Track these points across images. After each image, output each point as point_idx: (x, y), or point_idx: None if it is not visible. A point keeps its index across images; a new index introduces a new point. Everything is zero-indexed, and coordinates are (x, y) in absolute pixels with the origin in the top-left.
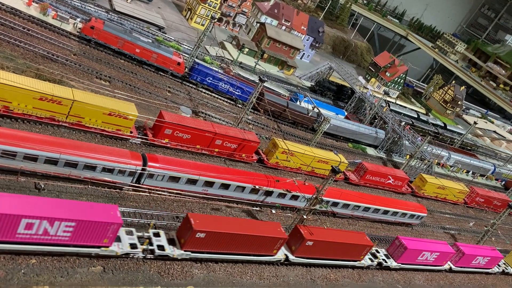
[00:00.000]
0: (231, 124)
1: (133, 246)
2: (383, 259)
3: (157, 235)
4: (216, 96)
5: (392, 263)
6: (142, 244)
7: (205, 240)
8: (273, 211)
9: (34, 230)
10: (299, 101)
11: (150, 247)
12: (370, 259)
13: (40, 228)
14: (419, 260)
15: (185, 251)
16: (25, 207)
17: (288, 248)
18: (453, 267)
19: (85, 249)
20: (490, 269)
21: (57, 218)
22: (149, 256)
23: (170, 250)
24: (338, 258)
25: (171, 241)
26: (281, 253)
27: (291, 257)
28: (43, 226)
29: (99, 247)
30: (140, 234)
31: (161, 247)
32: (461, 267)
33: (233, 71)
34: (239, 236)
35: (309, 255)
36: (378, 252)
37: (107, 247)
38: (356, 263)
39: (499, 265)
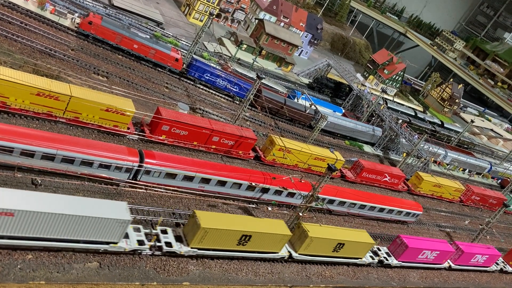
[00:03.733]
0: (228, 120)
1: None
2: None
3: (164, 232)
4: (214, 92)
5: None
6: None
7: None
8: (269, 208)
9: None
10: (297, 98)
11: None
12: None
13: None
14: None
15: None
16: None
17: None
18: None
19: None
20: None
21: None
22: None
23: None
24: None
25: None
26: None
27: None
28: None
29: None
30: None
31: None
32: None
33: (231, 67)
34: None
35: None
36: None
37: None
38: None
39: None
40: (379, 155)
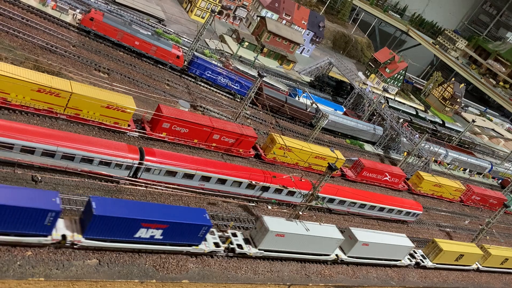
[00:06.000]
0: (229, 118)
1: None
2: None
3: (234, 235)
4: (215, 90)
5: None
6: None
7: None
8: (269, 207)
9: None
10: (298, 97)
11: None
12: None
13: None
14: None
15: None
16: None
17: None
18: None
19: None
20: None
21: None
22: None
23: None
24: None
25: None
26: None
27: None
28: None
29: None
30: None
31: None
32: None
33: (232, 65)
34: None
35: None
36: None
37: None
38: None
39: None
40: (379, 154)
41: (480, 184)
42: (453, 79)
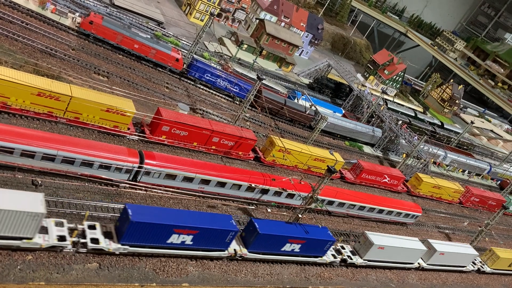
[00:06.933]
0: (228, 121)
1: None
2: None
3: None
4: (214, 92)
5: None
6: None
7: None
8: (269, 210)
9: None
10: (297, 99)
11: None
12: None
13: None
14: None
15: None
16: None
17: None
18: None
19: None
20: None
21: None
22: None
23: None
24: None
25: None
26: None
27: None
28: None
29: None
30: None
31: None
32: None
33: (231, 67)
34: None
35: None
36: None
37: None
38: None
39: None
40: (378, 156)
41: (479, 186)
42: (451, 80)
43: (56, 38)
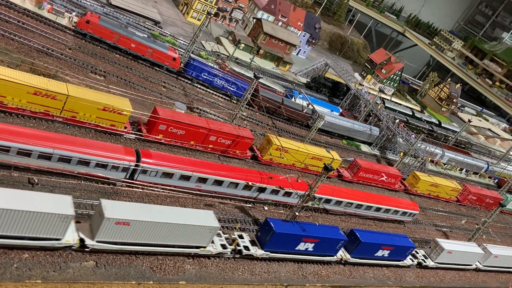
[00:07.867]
0: (225, 120)
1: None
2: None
3: (241, 237)
4: (211, 91)
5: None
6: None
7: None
8: (266, 208)
9: None
10: (294, 98)
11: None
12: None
13: None
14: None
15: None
16: None
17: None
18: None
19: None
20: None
21: None
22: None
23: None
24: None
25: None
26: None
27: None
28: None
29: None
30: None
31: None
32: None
33: (229, 67)
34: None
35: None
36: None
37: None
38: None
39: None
40: (376, 154)
41: (477, 184)
42: (449, 79)
43: (53, 37)
